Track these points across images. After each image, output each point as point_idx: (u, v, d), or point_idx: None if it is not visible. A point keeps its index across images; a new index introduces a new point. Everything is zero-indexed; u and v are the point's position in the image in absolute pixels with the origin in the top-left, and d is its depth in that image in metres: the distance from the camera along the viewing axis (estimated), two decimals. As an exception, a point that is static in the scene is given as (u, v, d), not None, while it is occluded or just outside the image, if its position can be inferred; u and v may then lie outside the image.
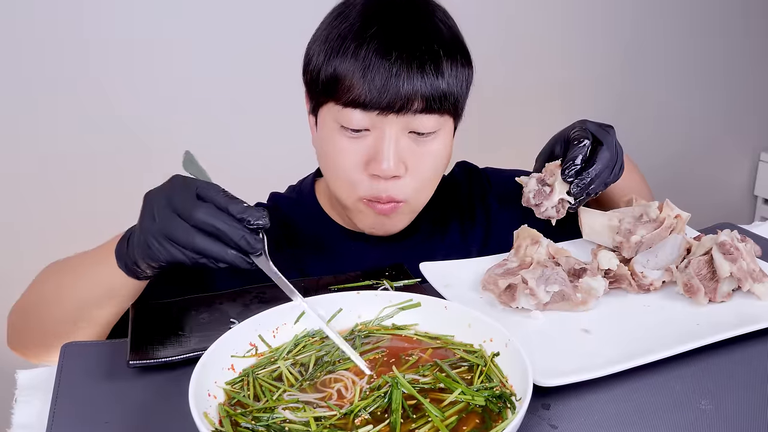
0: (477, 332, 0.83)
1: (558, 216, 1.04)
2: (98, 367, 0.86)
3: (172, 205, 0.82)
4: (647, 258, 1.02)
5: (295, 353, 0.82)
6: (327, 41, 1.04)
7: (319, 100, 1.07)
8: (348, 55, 1.01)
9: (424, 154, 1.06)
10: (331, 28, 1.05)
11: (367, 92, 0.99)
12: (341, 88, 1.01)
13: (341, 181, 1.08)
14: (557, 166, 1.04)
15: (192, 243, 0.81)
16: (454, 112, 1.08)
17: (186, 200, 0.82)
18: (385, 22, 1.03)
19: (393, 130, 1.02)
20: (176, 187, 0.84)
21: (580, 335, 0.90)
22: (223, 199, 0.81)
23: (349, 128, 1.03)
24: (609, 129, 1.07)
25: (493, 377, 0.76)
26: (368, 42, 1.00)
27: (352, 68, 1.00)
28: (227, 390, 0.75)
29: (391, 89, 0.99)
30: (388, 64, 0.99)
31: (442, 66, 1.02)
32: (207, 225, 0.80)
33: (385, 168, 1.02)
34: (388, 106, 1.00)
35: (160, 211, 0.83)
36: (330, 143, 1.06)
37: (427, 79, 1.00)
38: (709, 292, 0.96)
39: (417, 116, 1.02)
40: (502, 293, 0.96)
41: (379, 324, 0.88)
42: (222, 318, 0.94)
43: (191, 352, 0.84)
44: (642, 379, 0.82)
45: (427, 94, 1.01)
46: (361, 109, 1.01)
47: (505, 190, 1.31)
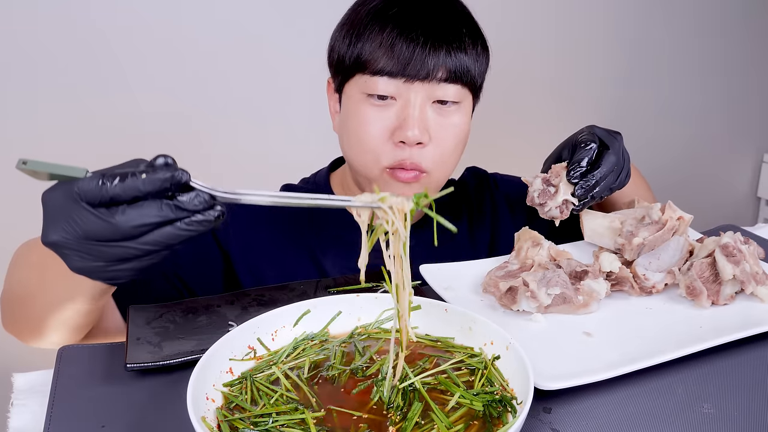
0: (478, 335, 0.83)
1: (561, 217, 1.05)
2: (95, 370, 0.86)
3: (84, 236, 0.66)
4: (649, 260, 1.02)
5: (294, 356, 0.82)
6: (353, 25, 1.10)
7: (346, 75, 1.12)
8: (373, 35, 1.07)
9: (447, 126, 1.10)
10: (355, 14, 1.11)
11: (394, 63, 1.05)
12: (368, 61, 1.07)
13: (367, 152, 1.11)
14: (563, 167, 1.04)
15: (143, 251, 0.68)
16: (474, 89, 1.13)
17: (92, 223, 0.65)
18: (407, 3, 1.09)
19: (418, 98, 1.07)
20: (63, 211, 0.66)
21: (581, 338, 0.90)
22: (118, 188, 0.64)
23: (376, 95, 1.07)
24: (617, 135, 1.08)
25: (493, 381, 0.76)
26: (391, 21, 1.06)
27: (378, 44, 1.06)
28: (225, 393, 0.75)
29: (417, 60, 1.05)
30: (412, 39, 1.05)
31: (465, 42, 1.08)
32: (134, 231, 0.66)
33: (410, 134, 1.06)
34: (413, 74, 1.05)
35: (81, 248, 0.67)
36: (355, 115, 1.10)
37: (452, 52, 1.07)
38: (712, 294, 0.96)
39: (441, 85, 1.07)
40: (503, 296, 0.96)
41: (379, 327, 0.88)
42: (220, 321, 0.94)
43: (189, 355, 0.84)
44: (644, 383, 0.82)
45: (450, 65, 1.07)
46: (388, 77, 1.06)
47: (513, 194, 1.34)
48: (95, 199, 0.64)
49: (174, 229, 0.67)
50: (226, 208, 0.68)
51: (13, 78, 1.90)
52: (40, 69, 1.91)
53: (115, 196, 0.64)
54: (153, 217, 0.65)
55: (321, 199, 0.71)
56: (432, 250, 1.16)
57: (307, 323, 0.87)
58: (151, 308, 0.97)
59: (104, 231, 0.65)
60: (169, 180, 0.65)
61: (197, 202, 0.66)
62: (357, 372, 0.79)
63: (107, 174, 0.64)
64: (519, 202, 1.32)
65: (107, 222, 0.65)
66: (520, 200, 1.31)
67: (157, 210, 0.65)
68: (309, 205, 0.71)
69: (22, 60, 1.89)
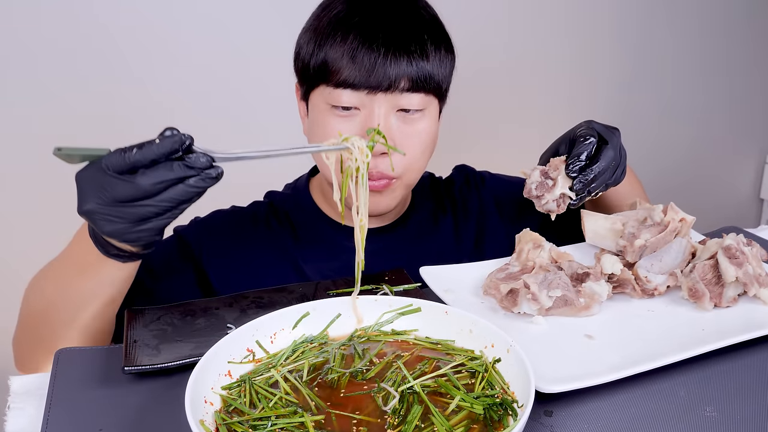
0: (478, 338, 0.83)
1: (558, 211, 1.05)
2: (92, 373, 0.86)
3: (112, 200, 0.80)
4: (651, 262, 1.02)
5: (293, 359, 0.82)
6: (316, 30, 1.10)
7: (311, 84, 1.12)
8: (336, 42, 1.07)
9: (412, 133, 1.11)
10: (319, 19, 1.11)
11: (356, 74, 1.06)
12: (331, 71, 1.07)
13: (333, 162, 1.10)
14: (562, 161, 1.05)
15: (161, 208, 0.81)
16: (439, 94, 1.14)
17: (116, 186, 0.79)
18: (369, 10, 1.09)
19: (382, 108, 1.08)
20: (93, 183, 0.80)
21: (583, 341, 0.90)
22: (138, 155, 0.78)
23: (340, 106, 1.08)
24: (615, 131, 1.08)
25: (494, 384, 0.76)
26: (354, 29, 1.07)
27: (340, 53, 1.06)
28: (224, 396, 0.75)
29: (379, 70, 1.05)
30: (375, 48, 1.05)
31: (427, 49, 1.09)
32: (155, 188, 0.79)
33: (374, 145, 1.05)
34: (376, 85, 1.06)
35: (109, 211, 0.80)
36: (320, 125, 1.11)
37: (413, 62, 1.07)
38: (715, 296, 0.96)
39: (404, 95, 1.08)
40: (504, 298, 0.96)
41: (378, 329, 0.88)
42: (219, 323, 0.94)
43: (187, 358, 0.84)
44: (646, 386, 0.82)
45: (413, 74, 1.07)
46: (351, 89, 1.06)
47: (501, 192, 1.34)
48: (120, 167, 0.79)
49: (185, 186, 0.81)
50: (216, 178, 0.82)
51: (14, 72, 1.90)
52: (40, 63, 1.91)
53: (136, 162, 0.79)
54: (167, 174, 0.79)
55: (299, 149, 0.89)
56: (414, 245, 1.17)
57: (307, 326, 0.87)
58: (149, 311, 0.97)
59: (129, 191, 0.79)
60: (178, 142, 0.79)
61: (203, 160, 0.81)
62: (357, 375, 0.79)
63: (126, 147, 0.79)
64: (507, 200, 1.33)
65: (131, 183, 0.79)
66: (508, 198, 1.33)
67: (170, 169, 0.79)
68: (289, 154, 0.87)
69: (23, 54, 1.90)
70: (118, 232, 0.82)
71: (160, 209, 0.81)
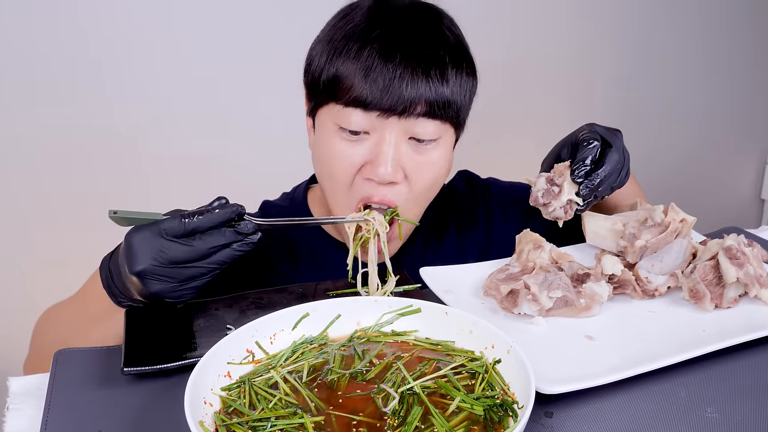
0: (478, 339, 0.83)
1: (566, 217, 1.04)
2: (92, 374, 0.86)
3: (167, 261, 0.87)
4: (652, 263, 1.02)
5: (292, 360, 0.82)
6: (330, 42, 1.04)
7: (319, 101, 1.07)
8: (351, 56, 1.01)
9: (424, 164, 1.06)
10: (335, 30, 1.05)
11: (368, 92, 0.99)
12: (342, 87, 1.01)
13: (336, 186, 1.08)
14: (566, 167, 1.04)
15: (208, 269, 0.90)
16: (456, 122, 1.08)
17: (175, 249, 0.88)
18: (390, 24, 1.03)
19: (393, 134, 1.02)
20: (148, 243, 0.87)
21: (583, 342, 0.90)
22: (198, 222, 0.88)
23: (348, 129, 1.02)
24: (617, 133, 1.07)
25: (494, 384, 0.76)
26: (372, 43, 1.01)
27: (354, 68, 1.00)
28: (223, 397, 0.75)
29: (394, 91, 0.99)
30: (392, 66, 0.99)
31: (447, 73, 1.02)
32: (209, 252, 0.89)
33: (383, 172, 1.02)
34: (390, 107, 1.00)
35: (163, 272, 0.88)
36: (326, 146, 1.06)
37: (432, 84, 1.01)
38: (715, 297, 0.96)
39: (419, 120, 1.02)
40: (504, 299, 0.96)
41: (378, 330, 0.88)
42: (218, 324, 0.94)
43: (187, 359, 0.84)
44: (647, 387, 0.82)
45: (431, 98, 1.01)
46: (362, 109, 1.00)
47: (507, 200, 1.32)
48: (178, 232, 0.88)
49: (231, 250, 0.90)
50: None
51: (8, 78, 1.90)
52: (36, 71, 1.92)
53: (195, 228, 0.88)
54: (220, 239, 0.89)
55: (325, 220, 1.02)
56: (419, 262, 1.14)
57: (306, 326, 0.87)
58: (149, 312, 0.97)
59: (187, 254, 0.88)
60: (235, 212, 0.90)
61: (249, 227, 0.91)
62: (356, 376, 0.79)
63: (185, 214, 0.89)
64: (513, 207, 1.30)
65: (190, 246, 0.88)
66: (514, 205, 1.30)
67: (223, 235, 0.89)
68: (320, 223, 1.03)
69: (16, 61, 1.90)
70: (165, 291, 0.90)
71: (207, 270, 0.90)
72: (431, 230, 1.25)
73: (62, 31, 1.91)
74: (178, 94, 2.08)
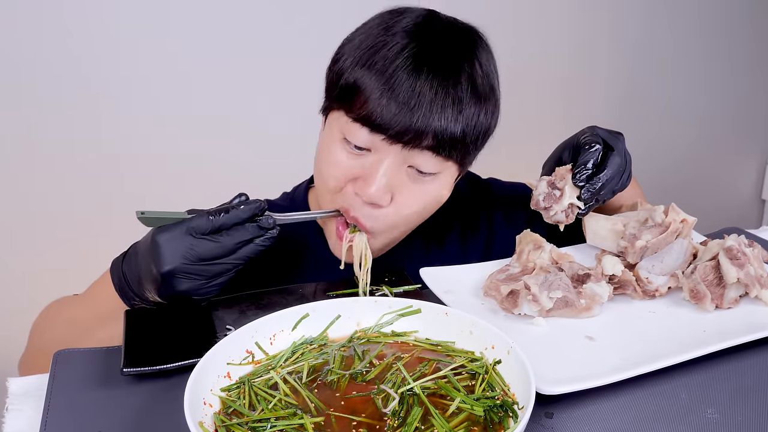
0: (478, 339, 0.83)
1: (567, 221, 1.04)
2: (91, 374, 0.86)
3: (197, 258, 0.90)
4: (652, 263, 1.02)
5: (292, 361, 0.82)
6: (360, 47, 1.02)
7: (332, 103, 1.06)
8: (374, 68, 0.99)
9: (416, 192, 1.04)
10: (368, 34, 1.03)
11: (379, 114, 0.97)
12: (356, 100, 1.00)
13: (326, 191, 1.07)
14: (568, 170, 1.04)
15: (233, 265, 0.93)
16: (461, 162, 1.06)
17: (203, 246, 0.91)
18: (424, 48, 1.00)
19: (393, 158, 1.01)
20: (177, 243, 0.90)
21: (583, 342, 0.90)
22: (224, 219, 0.91)
23: (352, 143, 1.01)
24: (619, 135, 1.07)
25: (494, 385, 0.76)
26: (398, 62, 0.98)
27: (373, 83, 0.98)
28: (223, 398, 0.75)
29: (405, 119, 0.97)
30: (410, 92, 0.97)
31: (465, 110, 1.00)
32: (236, 247, 0.92)
33: (371, 193, 1.00)
34: (396, 135, 0.98)
35: (192, 270, 0.91)
36: (328, 150, 1.05)
37: (444, 121, 0.98)
38: (716, 298, 0.96)
39: (422, 152, 1.00)
40: (504, 299, 0.96)
41: (378, 331, 0.88)
42: (218, 324, 0.94)
43: (186, 360, 0.84)
44: (647, 388, 0.82)
45: (440, 135, 0.99)
46: (369, 129, 0.99)
47: (509, 201, 1.31)
48: (205, 229, 0.91)
49: (254, 245, 0.94)
50: None
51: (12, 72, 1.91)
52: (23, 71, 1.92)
53: (221, 225, 0.92)
54: (245, 234, 0.93)
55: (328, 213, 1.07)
56: (420, 264, 1.13)
57: (306, 327, 0.87)
58: (148, 312, 0.97)
59: (215, 250, 0.91)
60: (259, 208, 0.94)
61: (270, 222, 0.95)
62: (356, 377, 0.79)
63: (211, 211, 0.92)
64: (515, 209, 1.29)
65: (218, 242, 0.91)
66: (516, 206, 1.29)
67: (247, 230, 0.93)
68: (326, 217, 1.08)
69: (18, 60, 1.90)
70: (194, 288, 0.92)
71: (232, 266, 0.93)
72: (433, 231, 1.24)
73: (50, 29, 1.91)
74: (176, 94, 2.08)
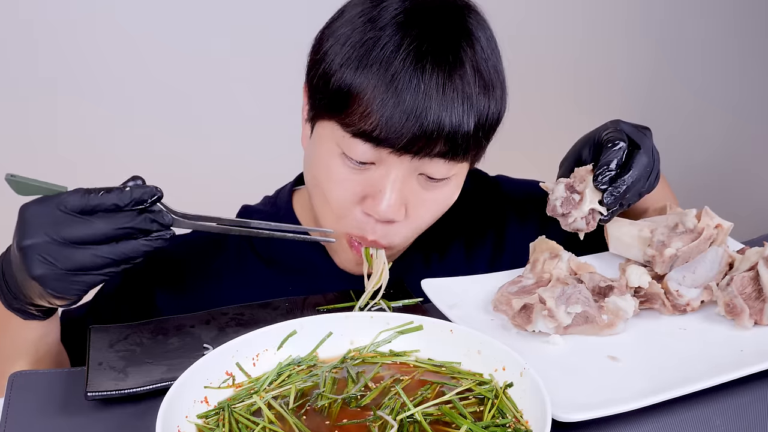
0: (487, 359, 0.83)
1: (587, 229, 1.03)
2: (52, 399, 0.86)
3: (60, 238, 0.83)
4: (683, 274, 1.02)
5: (278, 384, 0.82)
6: (346, 44, 0.99)
7: (321, 111, 1.02)
8: (370, 72, 0.96)
9: (429, 200, 1.04)
10: (353, 28, 1.00)
11: (385, 126, 0.95)
12: (353, 110, 0.97)
13: (329, 212, 1.06)
14: (588, 171, 1.03)
15: (104, 261, 0.85)
16: (474, 159, 1.07)
17: (71, 224, 0.83)
18: (420, 40, 0.97)
19: (401, 170, 0.99)
20: (44, 217, 0.84)
21: (606, 363, 0.90)
22: (103, 198, 0.84)
23: (353, 159, 1.00)
24: (646, 131, 1.06)
25: (505, 411, 0.76)
26: (397, 60, 0.96)
27: (372, 90, 0.96)
28: (200, 426, 0.75)
29: (413, 128, 0.95)
30: (417, 93, 0.95)
31: (476, 103, 0.99)
32: (112, 233, 0.84)
33: (384, 210, 1.00)
34: (405, 146, 0.96)
35: (51, 252, 0.83)
36: (325, 167, 1.03)
37: (456, 118, 0.97)
38: (755, 313, 0.96)
39: (434, 160, 0.99)
40: (517, 315, 0.96)
41: (374, 350, 0.88)
42: (194, 343, 0.94)
43: (159, 383, 0.84)
44: (677, 414, 0.81)
45: (452, 137, 0.97)
46: (373, 144, 0.97)
47: (520, 202, 1.30)
48: (79, 207, 0.83)
49: (137, 243, 0.86)
50: None
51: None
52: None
53: (98, 206, 0.84)
54: (126, 221, 0.84)
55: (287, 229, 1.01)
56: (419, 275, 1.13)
57: (293, 346, 0.87)
58: (115, 329, 0.97)
59: (81, 230, 0.83)
60: (148, 194, 0.85)
61: (168, 219, 0.87)
62: (350, 402, 0.78)
63: (90, 189, 0.84)
64: (529, 209, 1.28)
65: (87, 222, 0.83)
66: (530, 207, 1.28)
67: (132, 218, 0.85)
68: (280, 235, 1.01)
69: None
70: (50, 276, 0.84)
71: (101, 262, 0.85)
72: (432, 237, 1.20)
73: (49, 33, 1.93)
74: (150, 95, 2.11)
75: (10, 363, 0.98)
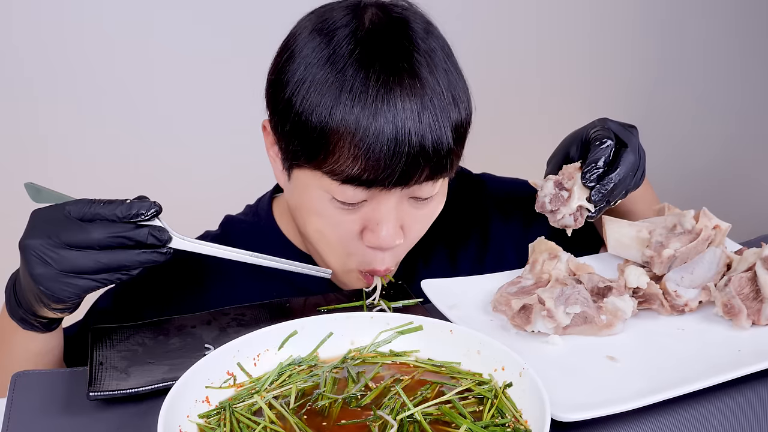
0: (487, 360, 0.83)
1: (575, 225, 1.04)
2: (54, 399, 0.86)
3: (58, 240, 0.87)
4: (681, 275, 1.02)
5: (279, 384, 0.82)
6: (312, 88, 0.98)
7: (300, 163, 1.02)
8: (349, 116, 0.95)
9: (422, 216, 1.07)
10: (311, 69, 0.98)
11: (373, 168, 0.96)
12: (337, 158, 0.96)
13: (331, 251, 1.08)
14: (576, 168, 1.04)
15: (98, 265, 0.87)
16: (452, 169, 1.06)
17: (70, 228, 0.87)
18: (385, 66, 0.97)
19: (393, 200, 1.01)
20: (48, 221, 0.89)
21: (604, 363, 0.90)
22: (103, 208, 0.88)
23: (345, 202, 1.00)
24: (632, 129, 1.07)
25: (505, 411, 0.76)
26: (368, 97, 0.95)
27: (354, 135, 0.95)
28: (201, 425, 0.75)
29: (401, 162, 0.96)
30: (397, 127, 0.95)
31: (451, 113, 1.00)
32: (107, 240, 0.87)
33: (384, 240, 1.02)
34: (396, 181, 0.98)
35: (48, 252, 0.87)
36: (315, 212, 1.04)
37: (436, 138, 0.97)
38: (753, 313, 0.96)
39: (422, 185, 1.01)
40: (516, 315, 0.96)
41: (375, 350, 0.88)
42: (195, 343, 0.94)
43: (160, 383, 0.84)
44: (676, 414, 0.81)
45: (436, 156, 0.98)
46: (364, 187, 0.98)
47: (505, 198, 1.31)
48: (81, 215, 0.87)
49: (133, 254, 0.88)
50: None
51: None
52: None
53: (98, 215, 0.87)
54: (122, 230, 0.88)
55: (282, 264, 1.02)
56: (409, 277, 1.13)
57: (294, 346, 0.87)
58: (117, 329, 0.97)
59: (78, 234, 0.87)
60: (146, 207, 0.88)
61: (165, 236, 0.90)
62: (350, 401, 0.79)
63: (95, 199, 0.89)
64: (513, 207, 1.29)
65: (83, 228, 0.87)
66: (514, 205, 1.29)
67: (129, 229, 0.88)
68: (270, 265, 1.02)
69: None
70: (46, 276, 0.87)
71: (96, 267, 0.88)
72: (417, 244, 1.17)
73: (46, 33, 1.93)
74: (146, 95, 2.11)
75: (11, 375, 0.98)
